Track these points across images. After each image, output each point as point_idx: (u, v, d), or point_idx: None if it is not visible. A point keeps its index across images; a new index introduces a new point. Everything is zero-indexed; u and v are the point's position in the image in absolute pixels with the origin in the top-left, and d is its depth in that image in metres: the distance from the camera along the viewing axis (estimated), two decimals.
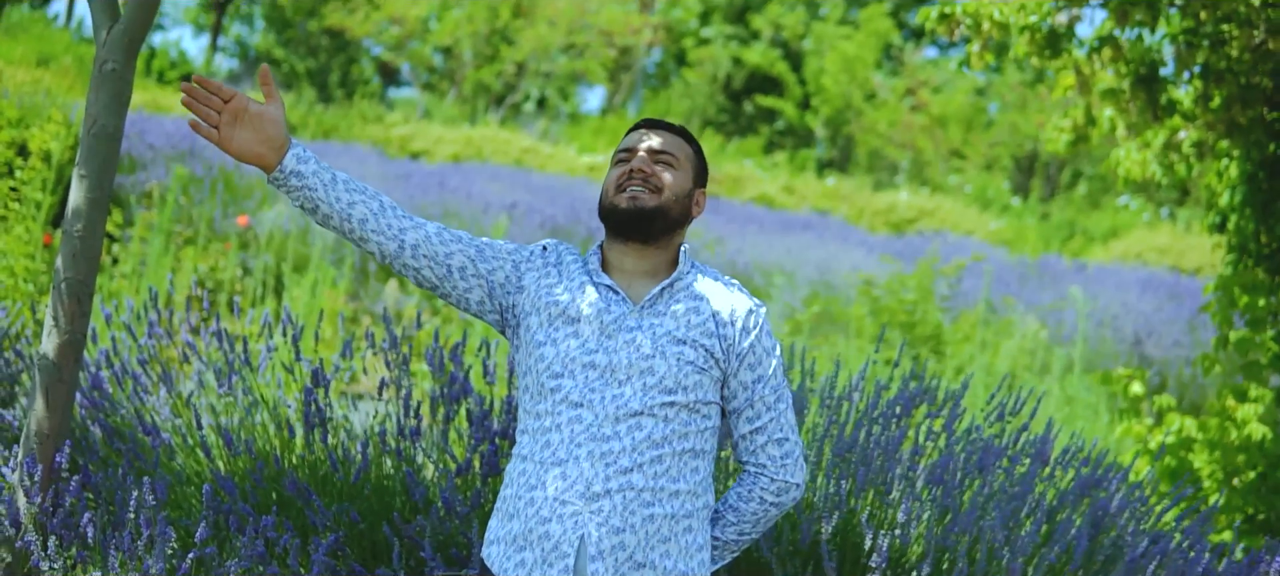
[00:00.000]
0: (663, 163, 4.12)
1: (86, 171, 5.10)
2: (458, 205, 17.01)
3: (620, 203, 4.06)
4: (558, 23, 34.83)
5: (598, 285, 4.09)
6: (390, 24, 37.24)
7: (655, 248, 4.12)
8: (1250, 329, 8.16)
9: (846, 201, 27.87)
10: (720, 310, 4.10)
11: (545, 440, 4.01)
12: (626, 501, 3.94)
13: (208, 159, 16.67)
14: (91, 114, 5.13)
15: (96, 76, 5.13)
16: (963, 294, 15.02)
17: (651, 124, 4.23)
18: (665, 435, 3.98)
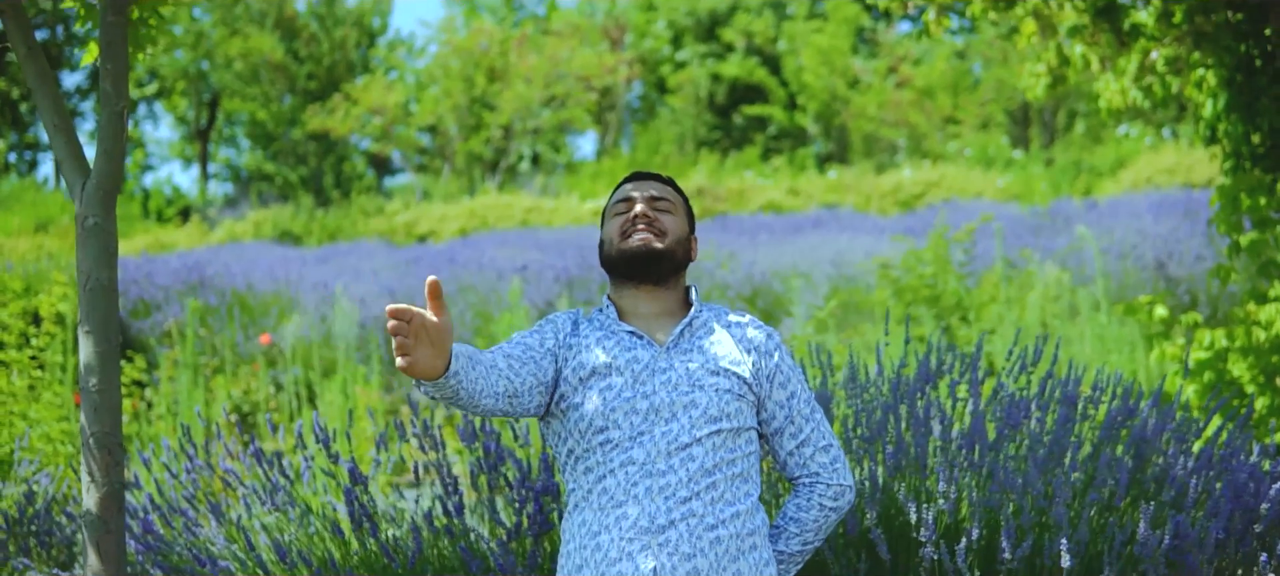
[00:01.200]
0: (661, 209, 4.25)
1: (90, 326, 5.16)
2: (470, 278, 17.07)
3: (630, 246, 4.18)
4: (534, 79, 34.93)
5: (620, 333, 4.19)
6: (371, 116, 37.37)
7: (666, 289, 4.25)
8: (1259, 230, 8.17)
9: (852, 191, 27.85)
10: (742, 340, 4.25)
11: (600, 488, 4.08)
12: (691, 528, 4.02)
13: (219, 287, 16.78)
14: (83, 270, 5.19)
15: (81, 233, 5.20)
16: (979, 256, 15.03)
17: (641, 176, 4.37)
18: (716, 462, 4.07)
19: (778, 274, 16.16)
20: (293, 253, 22.63)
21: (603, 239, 4.29)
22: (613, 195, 4.36)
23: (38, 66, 5.24)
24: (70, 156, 5.24)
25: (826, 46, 38.91)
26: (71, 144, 5.24)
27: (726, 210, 26.73)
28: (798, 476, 4.31)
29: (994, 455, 5.48)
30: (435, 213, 28.73)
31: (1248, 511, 5.45)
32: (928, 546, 5.05)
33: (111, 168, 5.19)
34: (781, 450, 4.29)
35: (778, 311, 15.65)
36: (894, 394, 5.77)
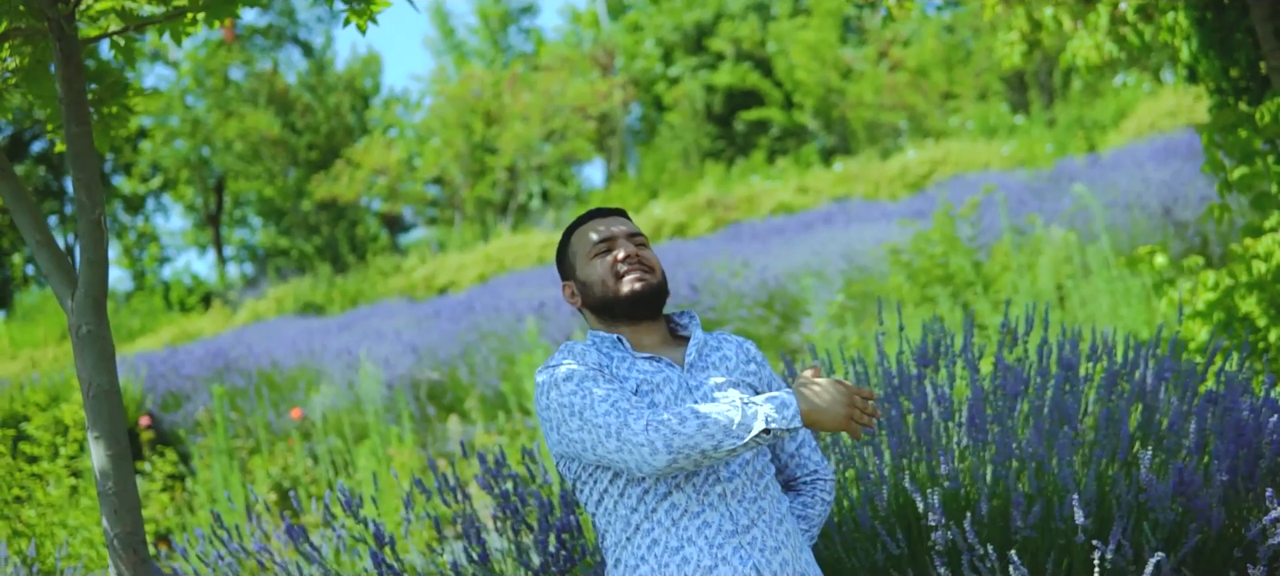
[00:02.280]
0: (640, 244, 4.37)
1: (99, 432, 5.22)
2: (489, 324, 17.12)
3: (628, 287, 4.28)
4: (531, 116, 34.96)
5: (642, 361, 4.27)
6: (376, 177, 37.44)
7: (660, 319, 4.39)
8: (1245, 164, 8.19)
9: (859, 180, 27.82)
10: (741, 354, 4.39)
11: (667, 504, 4.13)
12: (768, 525, 4.15)
13: (245, 369, 16.85)
14: (84, 378, 5.25)
15: (76, 343, 5.26)
16: (987, 228, 15.03)
17: (603, 213, 4.45)
18: (763, 465, 4.24)
19: (792, 275, 16.17)
20: (316, 323, 22.71)
21: (591, 285, 4.33)
22: (576, 236, 4.42)
23: (11, 187, 5.30)
24: (56, 269, 5.30)
25: (814, 41, 38.89)
26: (56, 257, 5.31)
27: (738, 218, 26.72)
28: (799, 476, 4.45)
29: (996, 427, 5.52)
30: (452, 263, 28.76)
31: (1252, 449, 5.48)
32: (938, 529, 5.09)
33: (97, 275, 5.26)
34: (783, 453, 4.44)
35: (795, 313, 15.68)
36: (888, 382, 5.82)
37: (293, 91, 45.01)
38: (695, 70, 45.98)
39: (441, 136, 36.82)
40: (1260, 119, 7.98)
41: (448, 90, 36.78)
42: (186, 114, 43.94)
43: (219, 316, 29.25)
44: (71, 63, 5.21)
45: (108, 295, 5.33)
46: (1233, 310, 8.08)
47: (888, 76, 37.21)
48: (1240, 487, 5.47)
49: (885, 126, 37.59)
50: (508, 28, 52.72)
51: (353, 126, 45.83)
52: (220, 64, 43.74)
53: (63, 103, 5.24)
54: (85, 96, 5.27)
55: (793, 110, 43.54)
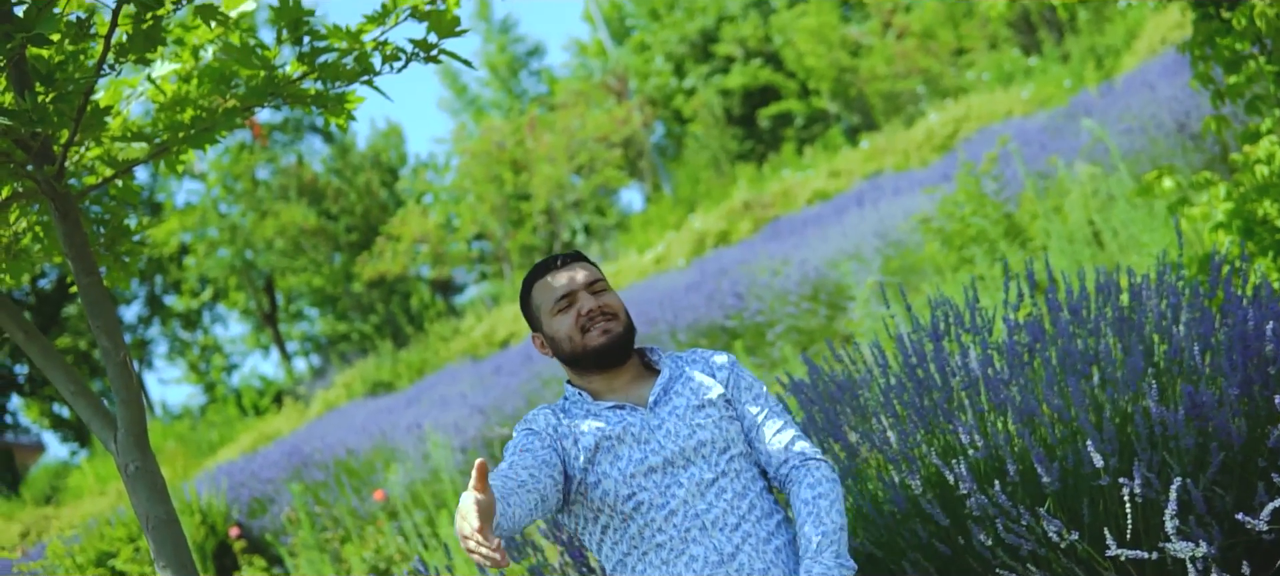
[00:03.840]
0: (599, 291, 4.48)
1: (165, 560, 5.37)
2: (548, 370, 17.22)
3: (594, 342, 4.42)
4: (556, 156, 35.00)
5: (604, 411, 4.39)
6: (419, 246, 37.56)
7: (629, 361, 4.50)
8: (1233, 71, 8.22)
9: (887, 153, 27.72)
10: (707, 369, 4.51)
11: (655, 543, 4.28)
12: (754, 548, 4.25)
13: (322, 461, 16.96)
14: (141, 513, 5.40)
15: (127, 481, 5.41)
16: (1011, 179, 14.99)
17: (558, 261, 4.55)
18: (743, 486, 4.30)
19: (831, 263, 16.17)
20: (385, 402, 22.84)
21: (558, 339, 4.46)
22: (537, 288, 4.54)
23: (39, 345, 5.47)
24: (95, 416, 5.47)
25: (817, 26, 38.76)
26: (93, 404, 5.47)
27: (777, 214, 26.64)
28: (785, 461, 4.46)
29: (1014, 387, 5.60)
30: (508, 314, 28.80)
31: (1261, 359, 5.54)
32: (970, 497, 5.18)
33: (133, 413, 5.42)
34: (767, 442, 4.48)
35: (840, 299, 15.67)
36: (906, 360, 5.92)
37: (321, 179, 45.23)
38: (708, 77, 45.96)
39: (474, 193, 36.87)
40: (1237, 22, 8.03)
41: (471, 147, 36.83)
42: (223, 222, 44.20)
43: (293, 413, 29.41)
44: (69, 219, 5.38)
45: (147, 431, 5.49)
46: (1250, 216, 8.11)
47: (896, 45, 37.07)
48: (1258, 399, 5.51)
49: (904, 94, 37.45)
50: (518, 73, 52.80)
51: (386, 201, 45.99)
52: (246, 167, 43.99)
53: (68, 257, 5.41)
54: (88, 249, 5.43)
55: (810, 97, 43.47)
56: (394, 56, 5.47)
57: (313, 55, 5.41)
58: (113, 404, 5.46)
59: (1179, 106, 14.44)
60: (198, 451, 30.02)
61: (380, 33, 5.40)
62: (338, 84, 5.54)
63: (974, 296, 6.05)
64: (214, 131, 5.46)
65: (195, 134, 5.46)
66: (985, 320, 5.93)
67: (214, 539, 15.14)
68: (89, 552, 12.55)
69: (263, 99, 5.45)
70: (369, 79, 5.55)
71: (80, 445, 46.68)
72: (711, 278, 17.97)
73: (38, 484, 37.35)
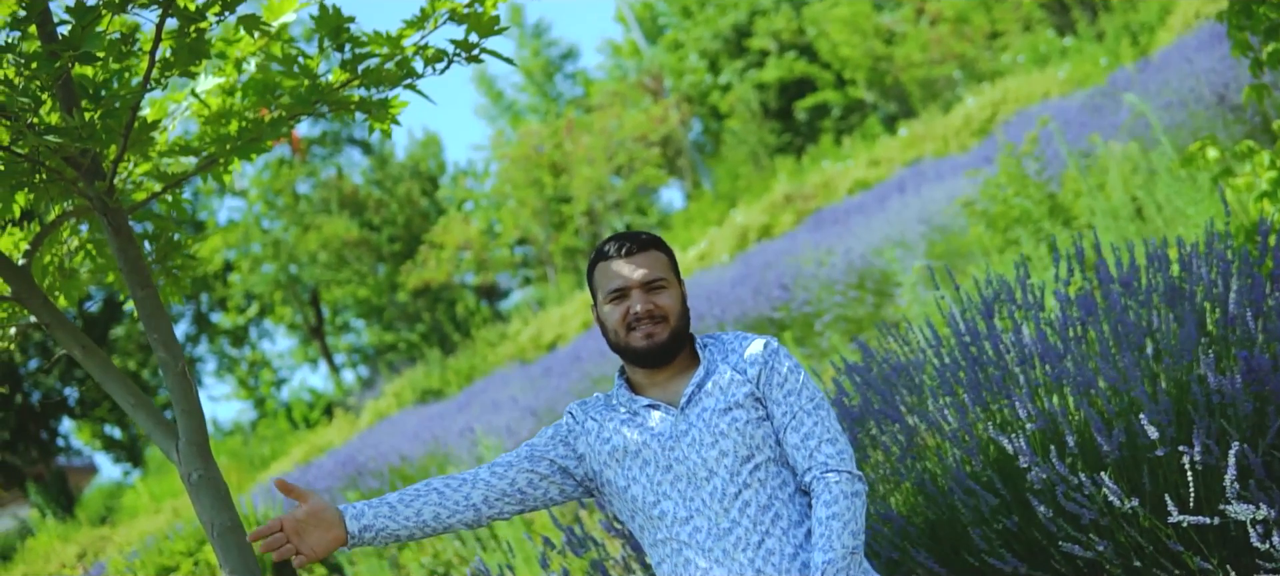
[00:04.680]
0: (656, 289, 4.39)
1: (230, 567, 5.41)
2: (598, 369, 17.24)
3: (635, 343, 4.37)
4: (595, 158, 34.99)
5: (639, 409, 4.39)
6: (462, 253, 37.62)
7: (676, 358, 4.45)
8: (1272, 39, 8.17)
9: (926, 139, 27.62)
10: (739, 362, 4.41)
11: (682, 559, 4.26)
12: (778, 565, 4.19)
13: (376, 469, 17.01)
14: (206, 520, 5.45)
15: (190, 490, 5.46)
16: (1053, 158, 14.96)
17: (625, 248, 4.44)
18: (769, 496, 4.25)
19: (876, 251, 16.14)
20: (436, 408, 22.88)
21: (605, 326, 4.44)
22: (599, 269, 4.48)
23: (98, 360, 5.51)
24: (156, 427, 5.51)
25: (850, 15, 38.66)
26: (153, 415, 5.52)
27: (818, 205, 26.60)
28: (809, 469, 4.33)
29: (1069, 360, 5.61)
30: (554, 317, 28.80)
31: None
32: (1031, 469, 5.19)
33: (194, 422, 5.46)
34: (790, 448, 4.37)
35: (887, 286, 15.65)
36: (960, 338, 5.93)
37: (362, 190, 45.35)
38: (743, 72, 45.90)
39: (515, 198, 36.91)
40: None
41: (510, 152, 36.85)
42: (265, 238, 44.36)
43: (344, 424, 29.46)
44: (122, 233, 5.42)
45: (209, 435, 5.53)
46: None
47: (930, 31, 36.96)
48: None
49: (940, 80, 37.32)
50: (553, 77, 52.79)
51: (427, 210, 46.11)
52: (286, 182, 44.14)
53: (123, 271, 5.45)
54: (142, 262, 5.48)
55: (846, 87, 43.38)
56: (436, 58, 5.50)
57: (355, 62, 5.45)
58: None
59: (1218, 79, 14.36)
60: (250, 466, 30.13)
61: (420, 37, 5.44)
62: (380, 89, 5.57)
63: (1025, 273, 6.05)
64: (261, 141, 5.50)
65: (242, 145, 5.49)
66: (1036, 295, 5.93)
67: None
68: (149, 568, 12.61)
69: (307, 107, 5.49)
70: (411, 83, 5.59)
71: (133, 465, 46.88)
72: (756, 271, 17.96)
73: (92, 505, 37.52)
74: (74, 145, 5.01)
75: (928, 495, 5.78)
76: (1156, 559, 5.28)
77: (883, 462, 6.24)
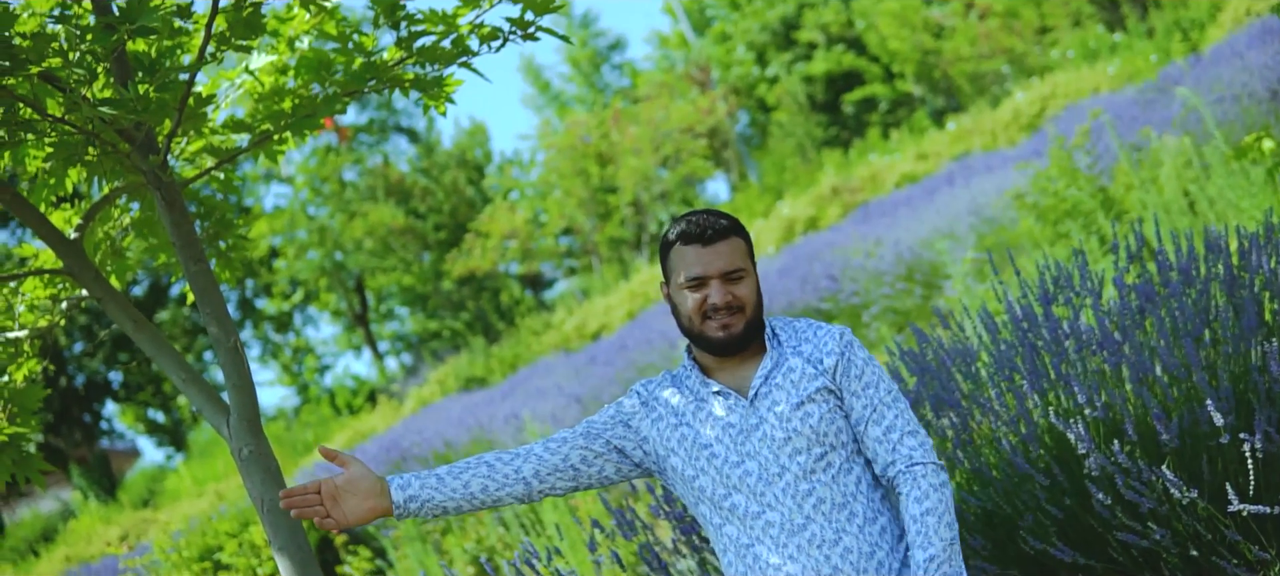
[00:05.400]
0: (734, 281, 4.28)
1: (282, 542, 5.40)
2: (643, 358, 17.24)
3: (711, 333, 4.26)
4: (642, 149, 34.99)
5: (708, 397, 4.31)
6: (507, 242, 37.67)
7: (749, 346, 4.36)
8: None
9: (975, 134, 27.57)
10: (812, 354, 4.31)
11: (753, 554, 4.20)
12: (854, 564, 4.13)
13: (420, 455, 17.03)
14: (256, 496, 5.44)
15: (241, 466, 5.45)
16: (1104, 151, 14.90)
17: (706, 234, 4.31)
18: (843, 493, 4.17)
19: (925, 243, 16.10)
20: (480, 396, 22.90)
21: (680, 310, 4.33)
22: (675, 251, 4.35)
23: (149, 335, 5.51)
24: (207, 402, 5.51)
25: (900, 8, 38.62)
26: (204, 390, 5.51)
27: (865, 198, 26.57)
28: (892, 463, 4.26)
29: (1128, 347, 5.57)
30: (599, 307, 28.80)
31: None
32: (1089, 456, 5.15)
33: (246, 398, 5.45)
34: (870, 440, 4.29)
35: (936, 279, 15.61)
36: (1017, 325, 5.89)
37: (408, 178, 45.46)
38: (791, 65, 45.88)
39: (561, 188, 36.95)
40: None
41: (556, 142, 36.90)
42: (311, 224, 44.51)
43: (387, 411, 29.52)
44: (175, 208, 5.42)
45: (261, 414, 5.52)
46: None
47: (979, 25, 36.88)
48: None
49: (989, 75, 37.22)
50: (600, 67, 52.87)
51: (473, 198, 46.20)
52: (333, 169, 44.28)
53: (176, 246, 5.44)
54: (195, 236, 5.47)
55: (894, 81, 43.36)
56: (491, 37, 5.48)
57: (410, 39, 5.43)
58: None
59: (1270, 74, 14.28)
60: (293, 451, 30.22)
61: (476, 15, 5.41)
62: (435, 67, 5.54)
63: (1083, 260, 6.00)
64: (315, 118, 5.48)
65: (295, 121, 5.47)
66: (1095, 283, 5.89)
67: (316, 533, 15.25)
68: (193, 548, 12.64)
69: (362, 85, 5.47)
70: (466, 61, 5.56)
71: (176, 449, 47.12)
72: (803, 262, 17.95)
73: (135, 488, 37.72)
74: (128, 118, 4.99)
75: (983, 481, 5.74)
76: (1214, 548, 5.24)
77: (936, 448, 6.21)
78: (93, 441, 45.97)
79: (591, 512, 11.75)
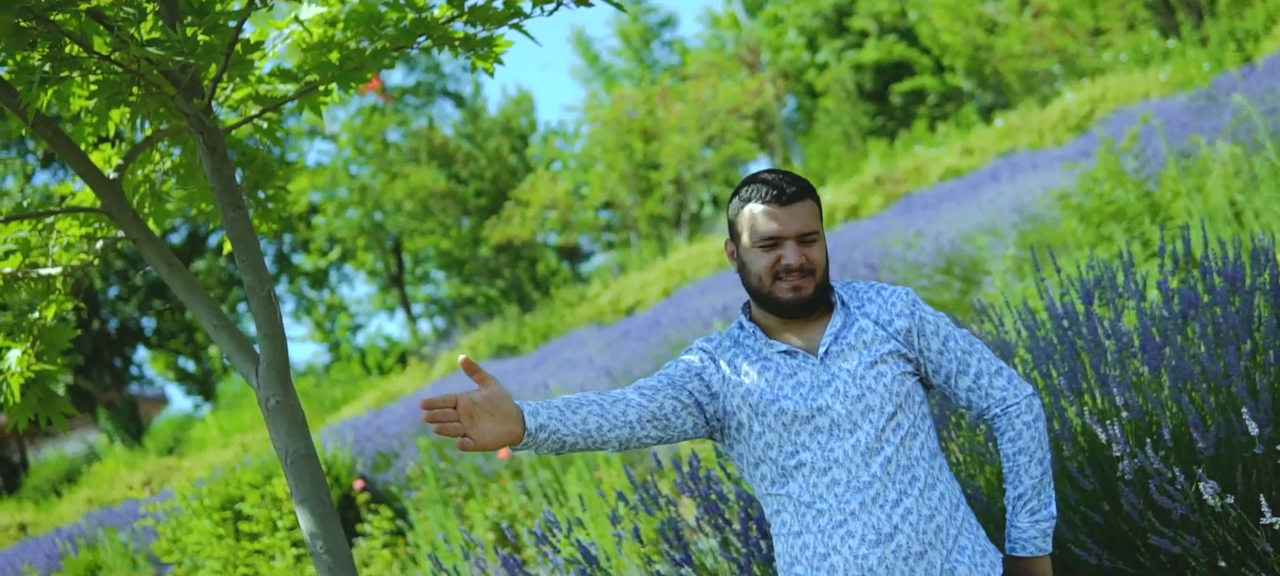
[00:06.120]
0: (809, 242, 4.24)
1: (302, 495, 5.38)
2: (677, 335, 17.21)
3: (781, 294, 4.22)
4: (687, 127, 34.95)
5: (774, 357, 4.27)
6: (547, 212, 37.66)
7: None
8: None
9: (1022, 131, 27.48)
10: (881, 315, 4.30)
11: (816, 510, 4.17)
12: (914, 527, 4.12)
13: None
14: (280, 447, 5.41)
15: (267, 416, 5.42)
16: (1152, 156, 14.83)
17: (783, 195, 4.25)
18: (910, 455, 4.16)
19: (966, 237, 16.06)
20: (511, 364, 22.93)
21: (748, 270, 4.29)
22: (748, 212, 4.30)
23: (184, 279, 5.49)
24: (237, 349, 5.49)
25: (954, 2, 38.55)
26: (235, 338, 5.49)
27: (907, 190, 26.55)
28: (986, 409, 4.35)
29: (1169, 351, 5.52)
30: (635, 282, 28.80)
31: None
32: (1124, 459, 5.11)
33: (276, 348, 5.43)
34: (961, 391, 4.34)
35: (975, 273, 15.57)
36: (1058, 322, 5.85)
37: (451, 143, 45.50)
38: (841, 52, 45.83)
39: (604, 161, 36.94)
40: None
41: (602, 115, 36.88)
42: (353, 183, 44.60)
43: (417, 373, 29.59)
44: (216, 153, 5.39)
45: (290, 366, 5.50)
46: None
47: (1033, 23, 36.74)
48: None
49: (1039, 73, 37.09)
50: (650, 43, 52.87)
51: (516, 167, 46.24)
52: (377, 129, 44.36)
53: (215, 191, 5.42)
54: (235, 182, 5.44)
55: (944, 74, 43.26)
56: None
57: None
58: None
59: None
60: (321, 408, 30.33)
61: None
62: (485, 27, 5.50)
63: (1128, 259, 5.95)
64: (362, 72, 5.44)
65: (342, 74, 5.44)
66: (1139, 284, 5.84)
67: (338, 490, 15.28)
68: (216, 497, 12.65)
69: (411, 41, 5.43)
70: (517, 22, 5.52)
71: (204, 399, 47.33)
72: (843, 249, 17.91)
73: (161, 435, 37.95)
74: (174, 59, 4.97)
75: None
76: (1244, 559, 5.19)
77: (967, 444, 6.18)
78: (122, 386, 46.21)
79: (616, 485, 11.75)
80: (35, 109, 4.97)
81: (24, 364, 5.67)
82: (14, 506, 31.08)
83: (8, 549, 22.40)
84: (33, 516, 27.82)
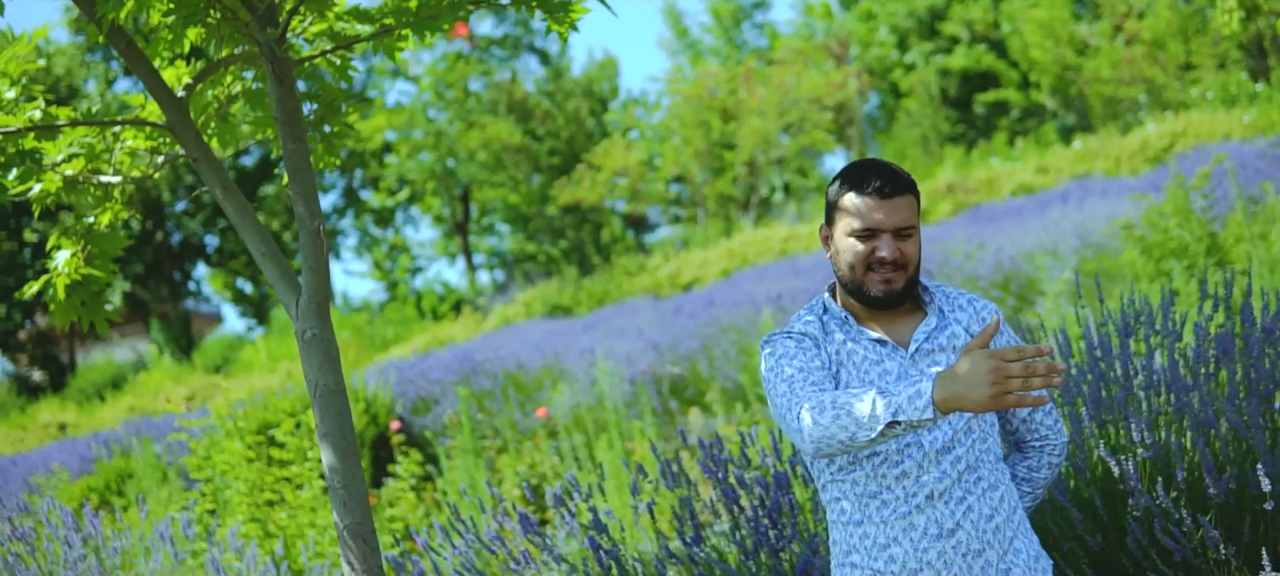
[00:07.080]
0: (905, 237, 4.22)
1: (327, 429, 5.44)
2: (729, 317, 17.20)
3: (872, 287, 4.20)
4: (767, 111, 34.89)
5: (866, 343, 4.28)
6: (618, 179, 37.65)
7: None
8: None
9: (1099, 157, 27.35)
10: (970, 324, 4.32)
11: (880, 501, 4.20)
12: (974, 525, 4.17)
13: (491, 371, 17.08)
14: (311, 379, 5.47)
15: (302, 346, 5.49)
16: (1221, 199, 14.76)
17: (886, 188, 4.22)
18: (978, 455, 4.19)
19: (1026, 255, 16.05)
20: (562, 325, 22.99)
21: (841, 256, 4.28)
22: (848, 199, 4.27)
23: (237, 203, 5.56)
24: (281, 279, 5.55)
25: (1047, 19, 38.33)
26: (281, 267, 5.56)
27: (978, 201, 26.51)
28: (1027, 440, 4.48)
29: (1196, 396, 5.54)
30: (696, 259, 28.80)
31: None
32: (1135, 496, 5.13)
33: (319, 282, 5.49)
34: (1015, 418, 4.44)
35: (1030, 293, 15.57)
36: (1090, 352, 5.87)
37: (531, 99, 45.55)
38: (930, 55, 45.67)
39: (680, 135, 36.91)
40: None
41: (684, 89, 36.85)
42: (429, 127, 44.70)
43: (469, 322, 29.66)
44: (284, 83, 5.46)
45: (331, 301, 5.57)
46: None
47: (1124, 50, 36.51)
48: None
49: (1124, 101, 36.90)
50: (741, 24, 52.80)
51: (592, 130, 46.25)
52: (459, 76, 44.45)
53: (278, 121, 5.49)
54: (299, 115, 5.51)
55: (1030, 90, 43.06)
56: None
57: None
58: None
59: None
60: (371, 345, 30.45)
61: None
62: None
63: (1170, 299, 5.97)
64: (438, 21, 5.48)
65: (418, 21, 5.48)
66: (1176, 324, 5.86)
67: (375, 428, 15.34)
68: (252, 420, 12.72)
69: None
70: None
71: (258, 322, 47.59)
72: None
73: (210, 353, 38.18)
74: None
75: None
76: None
77: None
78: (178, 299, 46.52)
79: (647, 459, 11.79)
80: (110, 19, 5.04)
81: (72, 265, 5.75)
82: (57, 405, 31.38)
83: (45, 446, 22.62)
84: (74, 417, 28.09)
